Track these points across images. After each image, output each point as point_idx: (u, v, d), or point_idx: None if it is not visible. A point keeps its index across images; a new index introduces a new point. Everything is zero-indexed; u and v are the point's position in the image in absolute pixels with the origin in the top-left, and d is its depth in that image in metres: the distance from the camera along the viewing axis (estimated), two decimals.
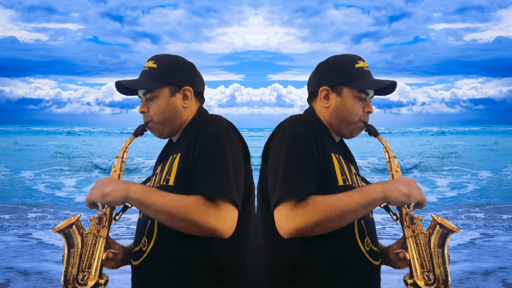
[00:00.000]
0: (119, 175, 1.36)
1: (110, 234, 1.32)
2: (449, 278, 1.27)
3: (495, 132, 53.66)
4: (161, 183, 1.34)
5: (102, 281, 1.27)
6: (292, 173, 1.25)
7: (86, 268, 1.27)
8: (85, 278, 1.27)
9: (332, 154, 1.34)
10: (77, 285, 1.26)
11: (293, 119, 1.36)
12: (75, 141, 34.97)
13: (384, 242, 1.51)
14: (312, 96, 1.47)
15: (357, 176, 1.41)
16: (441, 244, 1.27)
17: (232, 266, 1.30)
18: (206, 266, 1.28)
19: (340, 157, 1.37)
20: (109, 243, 1.33)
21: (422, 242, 1.28)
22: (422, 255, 1.28)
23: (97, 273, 1.27)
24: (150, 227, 1.33)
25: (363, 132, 1.47)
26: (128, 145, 1.40)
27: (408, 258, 1.28)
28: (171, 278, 1.29)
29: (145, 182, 1.43)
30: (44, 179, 12.35)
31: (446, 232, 1.27)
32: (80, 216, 1.32)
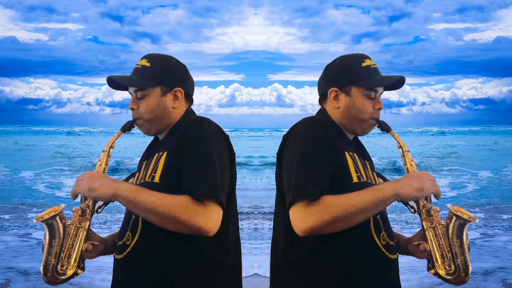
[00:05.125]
0: (104, 169, 1.39)
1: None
2: (470, 267, 1.30)
3: (495, 132, 53.67)
4: (146, 180, 1.36)
5: (80, 272, 1.32)
6: (305, 175, 1.28)
7: (66, 258, 1.31)
8: (64, 268, 1.31)
9: (346, 153, 1.37)
10: (55, 274, 1.30)
11: (306, 121, 1.39)
12: (75, 141, 34.97)
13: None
14: (322, 98, 1.49)
15: (373, 172, 1.43)
16: (459, 234, 1.31)
17: (214, 261, 1.34)
18: (189, 261, 1.31)
19: (355, 154, 1.39)
20: (90, 235, 1.36)
21: (440, 233, 1.32)
22: (441, 246, 1.31)
23: (76, 263, 1.31)
24: (134, 222, 1.35)
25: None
26: (115, 139, 1.43)
27: (428, 249, 1.32)
28: (155, 273, 1.31)
29: (128, 178, 1.46)
30: (44, 179, 12.35)
31: (463, 222, 1.30)
32: (64, 206, 1.35)
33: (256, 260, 4.38)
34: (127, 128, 1.44)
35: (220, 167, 1.31)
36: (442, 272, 1.30)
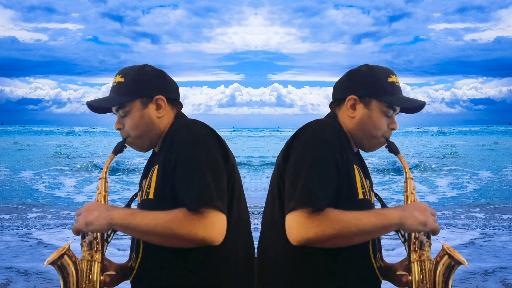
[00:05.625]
0: (104, 196, 1.34)
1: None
2: None
3: (495, 132, 53.67)
4: (142, 198, 1.34)
5: None
6: (314, 181, 1.21)
7: None
8: None
9: (354, 166, 1.31)
10: None
11: (319, 123, 1.32)
12: (75, 141, 34.96)
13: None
14: (337, 102, 1.40)
15: (371, 191, 1.38)
16: (447, 274, 1.24)
17: (218, 275, 1.29)
18: (191, 277, 1.27)
19: (359, 169, 1.34)
20: (106, 265, 1.31)
21: (427, 269, 1.25)
22: (424, 282, 1.25)
23: None
24: (137, 242, 1.33)
25: None
26: (109, 165, 1.38)
27: (410, 282, 1.26)
28: None
29: (132, 199, 1.41)
30: (44, 179, 12.35)
31: (453, 264, 1.23)
32: (70, 244, 1.29)
33: None
34: (118, 150, 1.39)
35: (213, 171, 1.24)
36: None
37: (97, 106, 1.40)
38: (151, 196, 1.29)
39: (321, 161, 1.23)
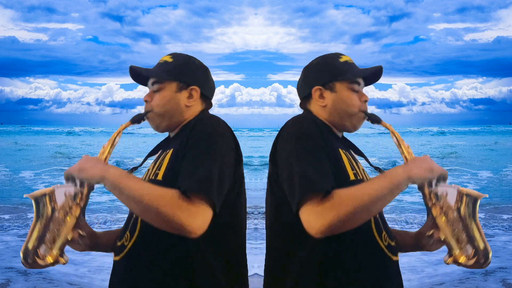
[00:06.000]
0: (106, 157, 1.32)
1: None
2: (489, 248, 1.22)
3: (495, 132, 53.62)
4: (150, 177, 1.32)
5: (63, 260, 1.23)
6: (308, 168, 1.19)
7: (49, 242, 1.22)
8: (45, 253, 1.22)
9: (340, 150, 1.32)
10: (36, 257, 1.21)
11: (295, 119, 1.34)
12: (75, 141, 34.93)
13: None
14: (305, 100, 1.45)
15: (364, 171, 1.39)
16: (473, 213, 1.23)
17: (213, 268, 1.27)
18: (186, 265, 1.25)
19: (346, 152, 1.35)
20: (80, 224, 1.27)
21: (452, 217, 1.23)
22: (456, 231, 1.23)
23: (58, 251, 1.23)
24: (134, 222, 1.31)
25: (363, 132, 1.46)
26: (123, 129, 1.37)
27: (443, 238, 1.24)
28: (150, 275, 1.25)
29: (131, 171, 1.39)
30: (44, 179, 12.34)
31: (474, 201, 1.23)
32: (57, 187, 1.26)
33: (256, 260, 4.38)
34: (136, 120, 1.40)
35: (221, 167, 1.23)
36: (461, 260, 1.21)
37: (138, 73, 1.44)
38: (159, 177, 1.29)
39: (307, 149, 1.23)
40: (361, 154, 1.44)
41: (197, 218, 1.16)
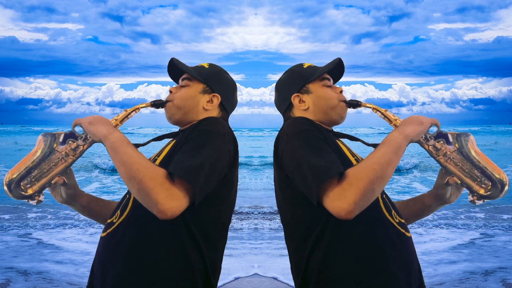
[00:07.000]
0: (117, 125, 1.39)
1: None
2: (503, 174, 1.31)
3: (495, 132, 53.66)
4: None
5: (38, 198, 1.31)
6: (316, 159, 1.21)
7: (34, 178, 1.30)
8: (27, 185, 1.30)
9: (337, 141, 1.39)
10: (17, 187, 1.30)
11: (291, 120, 1.37)
12: None
13: None
14: (288, 111, 1.50)
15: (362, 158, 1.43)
16: (473, 148, 1.32)
17: (196, 259, 1.26)
18: (169, 252, 1.24)
19: (342, 142, 1.41)
20: (68, 174, 1.37)
21: (458, 159, 1.32)
22: (467, 169, 1.31)
23: (39, 188, 1.30)
24: (126, 201, 1.34)
25: (362, 132, 1.47)
26: (141, 107, 1.44)
27: (458, 180, 1.32)
28: (131, 259, 1.25)
29: (136, 145, 1.44)
30: None
31: (465, 136, 1.33)
32: (65, 133, 1.35)
33: (256, 260, 4.39)
34: (157, 103, 1.47)
35: (214, 164, 1.24)
36: (482, 192, 1.29)
37: (175, 65, 1.50)
38: (157, 163, 1.34)
39: (310, 143, 1.27)
40: (356, 139, 1.50)
41: (173, 201, 1.16)
